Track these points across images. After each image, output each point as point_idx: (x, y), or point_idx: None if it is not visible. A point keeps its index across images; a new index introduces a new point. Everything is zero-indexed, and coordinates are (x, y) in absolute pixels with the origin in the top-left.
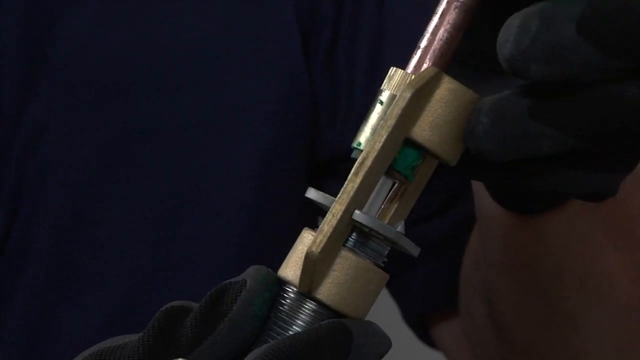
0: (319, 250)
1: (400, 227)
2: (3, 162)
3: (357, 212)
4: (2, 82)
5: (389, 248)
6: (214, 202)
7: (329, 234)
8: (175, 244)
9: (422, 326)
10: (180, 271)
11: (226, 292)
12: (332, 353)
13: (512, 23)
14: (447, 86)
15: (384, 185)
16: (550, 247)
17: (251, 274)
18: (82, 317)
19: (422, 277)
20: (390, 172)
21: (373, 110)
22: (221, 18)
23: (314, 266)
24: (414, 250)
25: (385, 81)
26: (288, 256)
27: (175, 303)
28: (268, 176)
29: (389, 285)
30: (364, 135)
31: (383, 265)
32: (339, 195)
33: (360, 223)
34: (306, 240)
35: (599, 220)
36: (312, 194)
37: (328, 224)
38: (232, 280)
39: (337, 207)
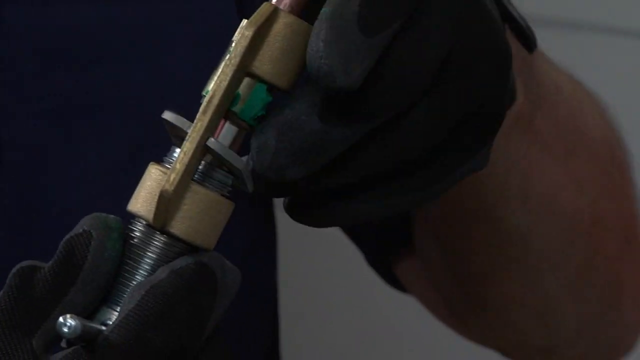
0: (172, 188)
1: (247, 159)
2: None
3: (212, 139)
4: None
5: (231, 181)
6: None
7: (181, 171)
8: (125, 217)
9: (386, 269)
10: None
11: (76, 246)
12: (203, 296)
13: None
14: (284, 21)
15: (229, 130)
16: (493, 167)
17: (91, 223)
18: None
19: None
20: (235, 120)
21: (223, 59)
22: None
23: (168, 203)
24: (250, 186)
25: (237, 32)
26: (137, 191)
27: (25, 263)
28: None
29: (349, 232)
30: (211, 83)
31: (228, 195)
32: (189, 134)
33: (214, 151)
34: (154, 176)
35: (533, 135)
36: (168, 115)
37: (180, 161)
38: (74, 233)
39: (188, 145)
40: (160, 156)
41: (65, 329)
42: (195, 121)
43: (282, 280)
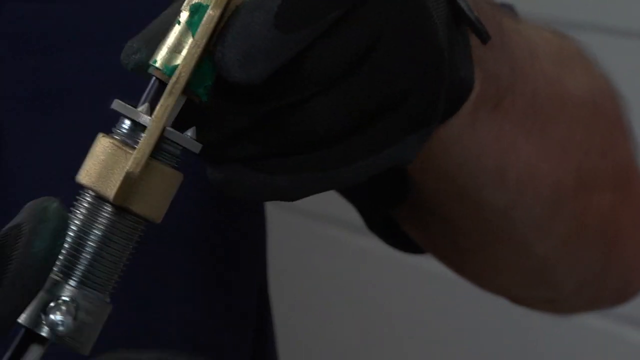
0: (139, 170)
1: (191, 132)
2: None
3: (168, 128)
4: None
5: (180, 152)
6: None
7: (147, 152)
8: None
9: (391, 232)
10: None
11: (5, 244)
12: None
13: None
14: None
15: (179, 102)
16: (459, 153)
17: (25, 215)
18: None
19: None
20: (186, 91)
21: (171, 30)
22: None
23: (133, 184)
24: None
25: (185, 2)
26: (89, 163)
27: None
28: None
29: (346, 195)
30: (160, 55)
31: (177, 166)
32: (154, 115)
33: (172, 141)
34: (109, 150)
35: (504, 116)
36: (116, 105)
37: (147, 143)
38: (6, 227)
39: (153, 126)
40: None
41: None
42: (161, 101)
43: (276, 280)
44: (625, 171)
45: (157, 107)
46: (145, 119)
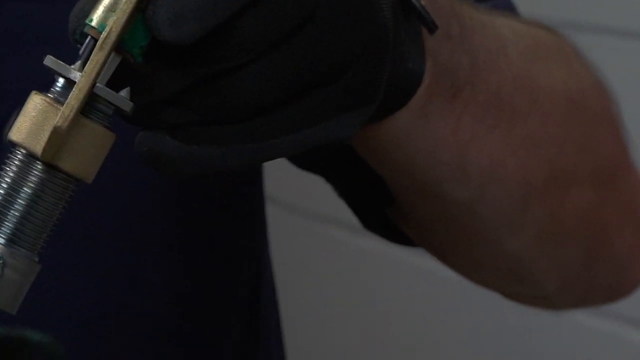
0: (66, 124)
1: (125, 92)
2: None
3: (99, 85)
4: None
5: (113, 112)
6: None
7: (75, 107)
8: None
9: (389, 228)
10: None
11: None
12: None
13: None
14: None
15: (113, 61)
16: (412, 146)
17: None
18: None
19: (365, 177)
20: (120, 50)
21: None
22: None
23: (61, 139)
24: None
25: None
26: (20, 120)
27: None
28: None
29: (344, 197)
30: (96, 13)
31: (109, 125)
32: (84, 70)
33: (103, 98)
34: (40, 107)
35: (462, 108)
36: (49, 61)
37: (75, 98)
38: None
39: (83, 81)
40: None
41: None
42: (91, 57)
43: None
44: (610, 167)
45: (87, 63)
46: (75, 74)
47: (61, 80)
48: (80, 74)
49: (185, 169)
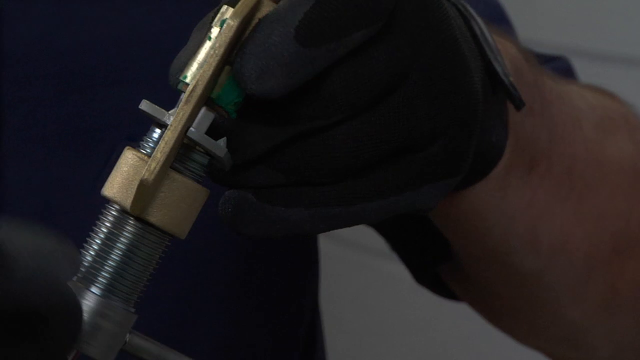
0: (152, 177)
1: (222, 142)
2: None
3: (192, 129)
4: None
5: (207, 163)
6: None
7: (162, 161)
8: None
9: (434, 281)
10: None
11: None
12: None
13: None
14: (267, 10)
15: (206, 117)
16: (489, 217)
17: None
18: None
19: (423, 235)
20: (213, 106)
21: (202, 46)
22: (175, 11)
23: (148, 192)
24: (227, 164)
25: (216, 19)
26: (112, 176)
27: None
28: None
29: (397, 251)
30: (190, 70)
31: (202, 180)
32: (171, 123)
33: (194, 153)
34: (131, 162)
35: (538, 182)
36: (144, 105)
37: (161, 151)
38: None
39: (169, 135)
40: None
41: None
42: (177, 110)
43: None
44: None
45: (174, 116)
46: (169, 118)
47: (151, 135)
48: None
49: (270, 231)
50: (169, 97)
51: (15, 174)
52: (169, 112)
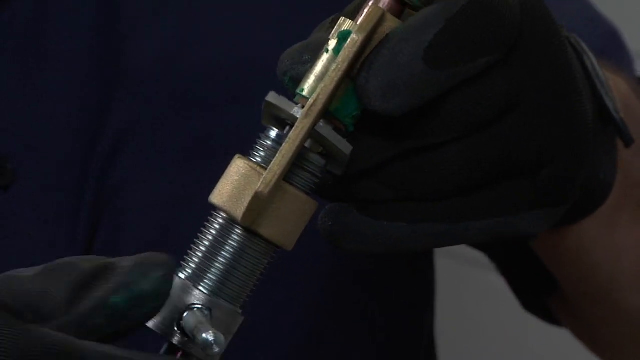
0: (267, 190)
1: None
2: (83, 177)
3: (320, 124)
4: (82, 98)
5: (319, 177)
6: None
7: (278, 174)
8: None
9: (540, 307)
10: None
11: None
12: None
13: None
14: (390, 25)
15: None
16: (595, 255)
17: (133, 265)
18: None
19: (532, 265)
20: (330, 119)
21: (319, 59)
22: (298, 31)
23: (261, 204)
24: (342, 168)
25: (334, 30)
26: (222, 184)
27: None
28: None
29: (505, 276)
30: (307, 83)
31: (312, 191)
32: (289, 137)
33: (306, 165)
34: (243, 171)
35: None
36: (271, 97)
37: (278, 164)
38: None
39: (287, 147)
40: None
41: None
42: (296, 124)
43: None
44: None
45: (292, 129)
46: (296, 110)
47: (263, 145)
48: (300, 112)
49: (371, 246)
50: None
51: (138, 191)
52: (295, 107)
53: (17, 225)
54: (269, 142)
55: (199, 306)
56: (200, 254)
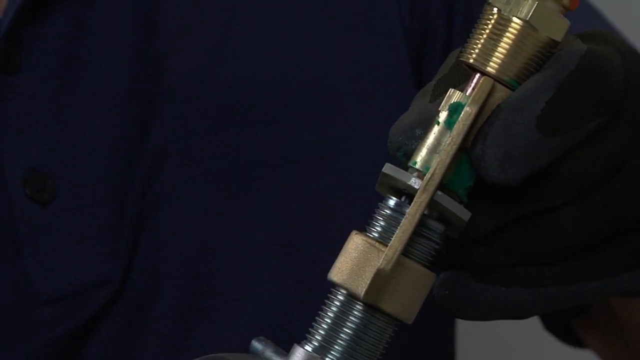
0: (389, 267)
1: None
2: (123, 195)
3: (439, 193)
4: (121, 115)
5: (439, 244)
6: (336, 227)
7: (399, 249)
8: (302, 269)
9: (567, 333)
10: (311, 294)
11: None
12: None
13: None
14: (500, 95)
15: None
16: None
17: None
18: (217, 344)
19: None
20: (444, 191)
21: (430, 131)
22: (334, 46)
23: (383, 281)
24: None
25: (443, 102)
26: (341, 261)
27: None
28: None
29: None
30: (420, 155)
31: (430, 265)
32: (408, 212)
33: (424, 238)
34: (361, 247)
35: None
36: (387, 168)
37: (399, 240)
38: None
39: (406, 223)
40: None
41: None
42: (414, 199)
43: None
44: None
45: (412, 204)
46: (414, 181)
47: (380, 221)
48: (417, 181)
49: (489, 313)
50: (323, 135)
51: (177, 207)
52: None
53: (57, 241)
54: (388, 212)
55: None
56: (326, 327)
